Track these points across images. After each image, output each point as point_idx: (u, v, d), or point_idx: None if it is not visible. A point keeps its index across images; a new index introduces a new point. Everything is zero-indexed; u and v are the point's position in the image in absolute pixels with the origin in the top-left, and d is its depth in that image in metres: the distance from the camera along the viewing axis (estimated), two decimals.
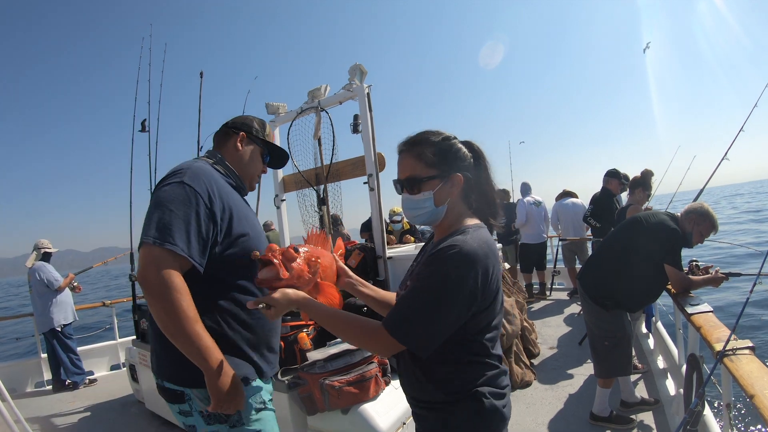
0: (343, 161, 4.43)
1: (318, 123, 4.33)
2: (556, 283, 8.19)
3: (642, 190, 4.52)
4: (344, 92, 4.17)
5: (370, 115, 4.05)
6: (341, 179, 4.52)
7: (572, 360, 4.64)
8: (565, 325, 5.99)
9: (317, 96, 4.32)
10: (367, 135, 4.08)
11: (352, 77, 4.03)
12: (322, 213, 4.56)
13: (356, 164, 4.33)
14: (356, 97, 4.12)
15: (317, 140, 4.47)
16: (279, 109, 4.72)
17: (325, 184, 4.48)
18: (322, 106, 4.31)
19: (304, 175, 4.56)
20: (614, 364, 3.20)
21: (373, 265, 4.29)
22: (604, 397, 3.27)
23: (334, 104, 4.33)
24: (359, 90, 4.05)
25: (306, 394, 2.62)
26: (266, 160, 2.06)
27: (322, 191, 4.52)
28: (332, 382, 2.53)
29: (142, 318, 4.22)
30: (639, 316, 4.67)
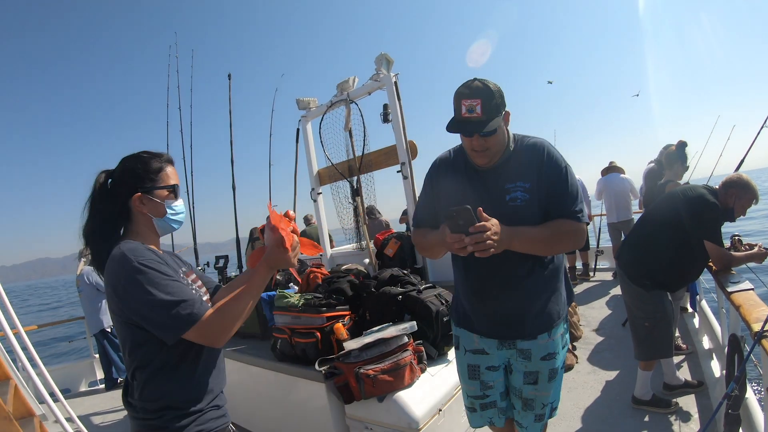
0: (376, 151, 4.46)
1: (348, 115, 4.36)
2: (600, 264, 7.90)
3: (680, 164, 4.27)
4: (372, 83, 4.18)
5: (398, 103, 4.06)
6: (374, 169, 4.56)
7: (615, 342, 4.54)
8: (610, 307, 5.82)
9: (346, 88, 4.35)
10: (397, 124, 4.09)
11: (378, 67, 4.04)
12: (356, 204, 4.59)
13: (388, 154, 4.34)
14: (384, 86, 4.13)
15: (348, 132, 4.50)
16: (310, 104, 4.77)
17: (358, 175, 4.51)
18: (351, 98, 4.34)
19: (337, 167, 4.60)
20: (655, 345, 3.11)
21: (411, 253, 4.30)
22: (645, 380, 3.19)
23: (363, 95, 4.35)
24: (386, 79, 4.05)
25: (342, 383, 2.67)
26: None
27: (355, 182, 4.55)
28: (367, 370, 2.57)
29: None
30: (682, 296, 4.45)
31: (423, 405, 2.56)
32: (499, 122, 1.74)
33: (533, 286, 1.90)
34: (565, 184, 1.81)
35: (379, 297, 3.18)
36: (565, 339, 2.02)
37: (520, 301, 1.91)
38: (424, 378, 2.75)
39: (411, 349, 2.75)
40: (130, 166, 1.56)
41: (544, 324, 1.93)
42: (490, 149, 1.80)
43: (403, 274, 3.41)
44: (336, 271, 3.83)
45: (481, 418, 2.17)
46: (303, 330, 3.03)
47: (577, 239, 1.82)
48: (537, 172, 1.81)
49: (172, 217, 1.61)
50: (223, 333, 1.39)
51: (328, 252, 5.23)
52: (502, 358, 2.04)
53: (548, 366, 1.95)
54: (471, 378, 2.11)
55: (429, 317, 2.95)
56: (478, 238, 1.54)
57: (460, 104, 1.73)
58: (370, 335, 2.74)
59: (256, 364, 3.36)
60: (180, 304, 1.35)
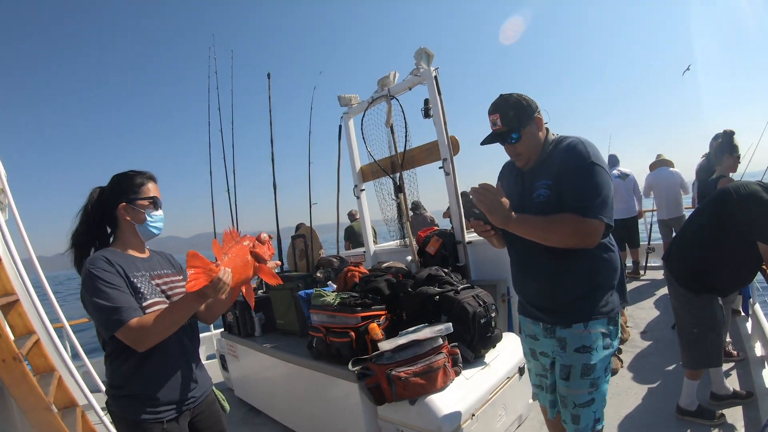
0: (417, 147, 4.40)
1: (389, 111, 4.32)
2: (650, 262, 7.46)
3: (728, 155, 3.84)
4: (412, 77, 4.12)
5: (439, 98, 3.99)
6: (416, 166, 4.50)
7: (664, 346, 4.30)
8: (659, 308, 5.50)
9: (386, 84, 4.31)
10: (438, 119, 4.02)
11: (418, 61, 3.98)
12: (399, 201, 4.56)
13: (430, 149, 4.28)
14: (425, 81, 4.06)
15: (390, 128, 4.46)
16: (351, 100, 4.76)
17: (400, 171, 4.47)
18: (392, 94, 4.29)
19: (380, 164, 4.57)
20: (703, 354, 2.91)
21: (453, 250, 4.23)
22: (691, 389, 2.99)
23: (403, 91, 4.29)
24: (427, 74, 3.99)
25: (374, 384, 2.64)
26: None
27: (398, 179, 4.51)
28: (399, 372, 2.53)
29: (228, 311, 4.43)
30: (733, 300, 4.16)
31: (455, 409, 2.50)
32: (524, 130, 1.99)
33: (567, 274, 1.99)
34: (579, 178, 1.87)
35: (416, 297, 3.13)
36: (607, 341, 1.99)
37: (553, 288, 2.03)
38: (458, 381, 2.69)
39: (445, 352, 2.70)
40: (117, 182, 1.87)
41: (580, 314, 1.97)
42: (521, 154, 2.04)
43: (444, 274, 3.35)
44: (375, 269, 3.81)
45: (543, 399, 2.33)
46: (338, 329, 3.02)
47: (579, 233, 1.83)
48: (558, 169, 1.94)
49: (151, 224, 1.89)
50: (141, 342, 1.63)
51: (371, 249, 5.22)
52: (549, 347, 2.11)
53: (581, 360, 1.96)
54: (533, 357, 2.27)
55: (466, 319, 2.88)
56: (479, 191, 1.86)
57: (490, 119, 2.04)
58: (404, 336, 2.70)
59: (293, 362, 3.39)
60: (112, 310, 1.61)
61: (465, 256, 4.17)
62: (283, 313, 4.03)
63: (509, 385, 2.97)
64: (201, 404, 1.94)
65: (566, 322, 2.00)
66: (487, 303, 3.02)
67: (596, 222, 1.81)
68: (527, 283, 2.17)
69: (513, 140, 2.00)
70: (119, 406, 1.77)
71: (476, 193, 1.86)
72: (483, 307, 2.96)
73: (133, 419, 1.73)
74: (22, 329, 2.93)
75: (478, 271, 4.22)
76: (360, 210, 5.22)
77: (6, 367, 2.31)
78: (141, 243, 1.93)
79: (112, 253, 1.78)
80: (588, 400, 1.99)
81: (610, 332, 2.00)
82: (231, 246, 1.72)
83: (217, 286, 1.58)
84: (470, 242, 4.22)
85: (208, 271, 1.58)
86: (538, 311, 2.12)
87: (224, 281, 1.59)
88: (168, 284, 1.90)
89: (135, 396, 1.74)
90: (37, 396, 2.34)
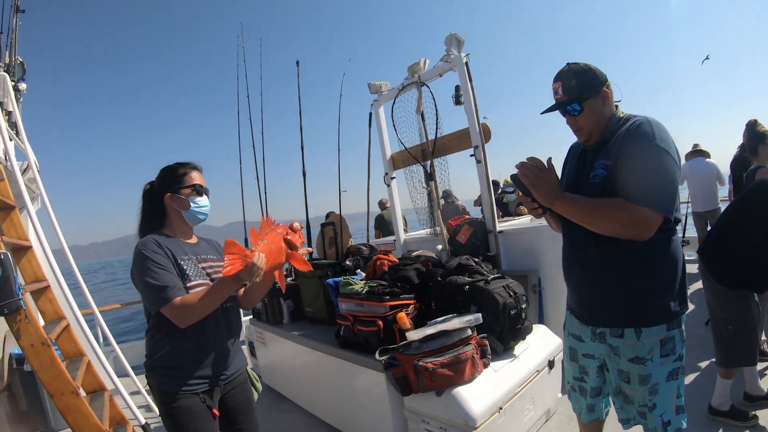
0: (448, 135, 4.34)
1: (420, 98, 4.27)
2: (685, 255, 7.14)
3: (763, 145, 3.61)
4: (443, 64, 4.06)
5: (470, 84, 3.92)
6: (447, 153, 4.44)
7: (696, 343, 4.13)
8: (693, 302, 5.28)
9: (417, 70, 4.25)
10: (469, 106, 3.96)
11: (448, 48, 3.91)
12: (430, 189, 4.51)
13: (461, 137, 4.22)
14: (455, 67, 3.99)
15: (421, 115, 4.41)
16: (381, 87, 4.72)
17: (431, 159, 4.42)
18: (422, 81, 4.23)
19: (410, 151, 4.52)
20: (738, 352, 2.79)
21: (484, 239, 4.17)
22: (724, 389, 2.87)
23: (434, 77, 4.23)
24: (457, 60, 3.92)
25: (400, 374, 2.62)
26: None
27: (428, 167, 4.45)
28: (426, 363, 2.50)
29: None
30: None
31: (482, 402, 2.46)
32: (586, 102, 1.83)
33: (614, 271, 1.83)
34: (637, 160, 1.70)
35: (445, 286, 3.09)
36: (667, 348, 1.80)
37: (598, 284, 1.89)
38: (486, 373, 2.65)
39: (474, 343, 2.65)
40: (163, 174, 2.04)
41: (628, 318, 1.82)
42: (582, 128, 1.90)
43: (474, 263, 3.30)
44: (405, 257, 3.77)
45: (576, 402, 2.21)
46: (366, 318, 3.00)
47: (627, 222, 1.67)
48: (619, 149, 1.77)
49: (196, 210, 2.03)
50: (183, 318, 1.77)
51: (402, 237, 5.19)
52: (598, 351, 1.97)
53: (636, 370, 1.83)
54: (571, 359, 2.14)
55: (495, 310, 2.82)
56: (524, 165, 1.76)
57: (552, 87, 1.92)
58: (433, 326, 2.67)
59: (320, 350, 3.39)
60: (160, 289, 1.76)
61: (496, 246, 4.11)
62: (312, 300, 4.03)
63: (538, 378, 2.91)
64: (233, 382, 2.06)
65: (615, 324, 1.85)
66: (518, 294, 2.95)
67: (648, 212, 1.64)
68: (574, 275, 2.01)
69: (573, 112, 1.87)
70: (156, 377, 1.91)
71: (522, 167, 1.76)
72: (513, 298, 2.90)
73: (168, 390, 1.87)
74: (52, 315, 2.99)
75: (509, 260, 4.16)
76: (390, 198, 5.19)
77: (35, 352, 2.35)
78: (189, 229, 2.10)
79: (162, 237, 1.95)
80: (649, 405, 1.85)
81: (672, 338, 1.80)
82: (267, 233, 1.84)
83: (252, 270, 1.70)
84: (501, 231, 4.15)
85: (244, 256, 1.71)
86: (584, 308, 1.98)
87: (258, 266, 1.71)
88: (213, 268, 2.05)
89: (171, 369, 1.88)
90: (65, 380, 2.39)
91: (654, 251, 1.79)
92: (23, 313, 2.33)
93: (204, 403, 1.89)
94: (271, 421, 3.96)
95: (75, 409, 2.40)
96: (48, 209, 3.80)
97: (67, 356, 3.01)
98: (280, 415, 4.05)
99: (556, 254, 3.75)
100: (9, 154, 3.31)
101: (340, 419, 3.44)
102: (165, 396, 1.87)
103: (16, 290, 2.32)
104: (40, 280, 2.94)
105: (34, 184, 3.94)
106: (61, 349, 2.99)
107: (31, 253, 2.93)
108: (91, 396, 2.97)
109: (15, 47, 4.50)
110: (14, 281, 2.32)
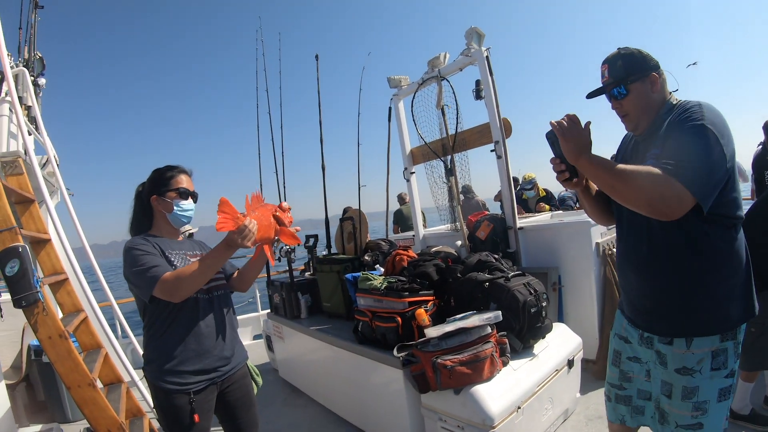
0: (469, 130, 4.30)
1: (440, 92, 4.24)
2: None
3: None
4: (463, 58, 4.02)
5: (491, 79, 3.88)
6: (468, 148, 4.40)
7: None
8: None
9: (437, 65, 4.21)
10: (490, 100, 3.92)
11: (469, 41, 3.87)
12: (450, 184, 4.47)
13: (482, 132, 4.18)
14: (476, 62, 3.95)
15: (441, 110, 4.37)
16: (401, 81, 4.69)
17: (451, 154, 4.38)
18: (442, 75, 4.20)
19: (430, 146, 4.49)
20: (761, 355, 2.70)
21: (504, 236, 4.14)
22: (745, 392, 2.80)
23: (454, 72, 4.20)
24: (478, 54, 3.88)
25: (418, 371, 2.60)
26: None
27: (449, 162, 4.42)
28: (444, 361, 2.48)
29: (275, 293, 4.48)
30: None
31: (501, 401, 2.43)
32: (632, 85, 1.73)
33: (670, 272, 1.69)
34: (680, 135, 1.57)
35: (465, 283, 3.06)
36: (719, 360, 1.63)
37: (649, 286, 1.76)
38: (505, 372, 2.62)
39: (493, 341, 2.62)
40: (152, 177, 2.08)
41: (680, 326, 1.68)
42: (628, 114, 1.79)
43: (494, 260, 3.26)
44: (424, 253, 3.74)
45: (614, 411, 2.04)
46: (384, 314, 2.98)
47: (654, 192, 1.48)
48: (666, 133, 1.65)
49: (179, 213, 2.05)
50: (176, 290, 1.77)
51: (421, 232, 5.17)
52: (645, 355, 1.84)
53: (682, 382, 1.67)
54: (613, 364, 2.02)
55: (516, 307, 2.79)
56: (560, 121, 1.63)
57: (600, 70, 1.84)
58: (452, 323, 2.64)
59: (337, 345, 3.38)
60: (148, 270, 1.79)
61: (516, 242, 4.07)
62: (330, 295, 4.03)
63: (557, 377, 2.87)
64: (232, 377, 2.07)
65: (665, 332, 1.72)
66: (539, 291, 2.92)
67: (680, 188, 1.45)
68: (627, 275, 1.88)
69: (618, 96, 1.76)
70: (150, 374, 1.93)
71: (557, 121, 1.64)
72: (534, 295, 2.86)
73: (162, 388, 1.88)
74: (70, 307, 3.03)
75: (529, 258, 4.12)
76: (410, 193, 5.17)
77: (52, 344, 2.38)
78: (175, 231, 2.13)
79: (149, 236, 2.01)
80: (692, 423, 1.68)
81: (725, 350, 1.64)
82: (257, 207, 1.87)
83: (243, 232, 1.74)
84: (521, 228, 4.11)
85: (236, 218, 1.75)
86: (634, 309, 1.86)
87: (250, 229, 1.75)
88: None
89: (165, 366, 1.89)
90: (82, 373, 2.42)
91: (712, 248, 1.63)
92: (41, 306, 2.36)
93: (191, 405, 1.88)
94: (286, 415, 3.98)
95: (91, 401, 2.42)
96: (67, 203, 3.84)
97: (84, 348, 3.05)
98: (296, 410, 4.06)
99: (576, 251, 3.75)
100: (28, 149, 3.35)
101: (356, 415, 3.44)
102: (157, 391, 1.91)
103: (34, 283, 2.34)
104: (59, 272, 2.97)
105: (54, 178, 3.98)
106: (78, 341, 3.02)
107: (49, 246, 2.97)
108: (108, 388, 3.00)
109: (34, 42, 4.58)
110: (32, 274, 2.35)
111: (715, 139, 1.50)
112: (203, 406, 1.93)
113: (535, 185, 6.74)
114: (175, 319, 1.90)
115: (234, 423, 2.11)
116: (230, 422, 2.11)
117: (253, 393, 2.22)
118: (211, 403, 1.99)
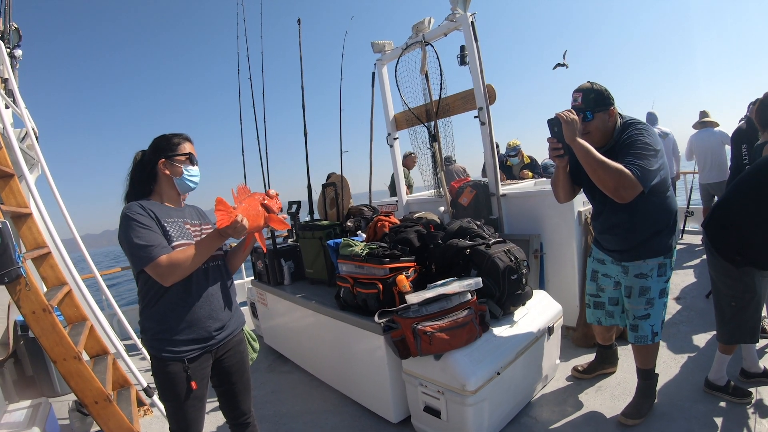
0: (453, 96, 4.27)
1: (424, 58, 4.18)
2: (689, 226, 7.11)
3: None
4: (448, 23, 3.95)
5: (476, 45, 3.82)
6: (451, 114, 4.37)
7: (696, 315, 4.08)
8: (695, 275, 5.19)
9: (421, 30, 4.16)
10: (474, 66, 3.88)
11: (454, 6, 3.81)
12: (434, 150, 4.46)
13: (466, 98, 4.15)
14: (461, 27, 3.89)
15: (425, 76, 4.32)
16: (385, 46, 4.63)
17: (435, 120, 4.35)
18: (426, 40, 4.14)
19: (414, 112, 4.46)
20: (739, 329, 2.74)
21: (486, 203, 4.14)
22: (722, 364, 2.84)
23: (439, 37, 4.13)
24: (463, 19, 3.81)
25: (399, 337, 2.62)
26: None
27: (432, 127, 4.39)
28: (425, 327, 2.49)
29: (258, 260, 4.46)
30: None
31: (480, 366, 2.47)
32: (597, 113, 2.46)
33: (634, 227, 2.54)
34: (631, 145, 2.32)
35: (446, 249, 3.06)
36: (662, 270, 2.57)
37: (623, 239, 2.62)
38: (485, 338, 2.66)
39: (473, 308, 2.64)
40: (157, 142, 2.07)
41: (640, 255, 2.57)
42: (591, 133, 2.48)
43: (476, 226, 3.25)
44: (406, 219, 3.74)
45: (593, 314, 3.00)
46: (365, 280, 2.99)
47: (621, 181, 2.19)
48: (620, 153, 2.34)
49: (188, 178, 2.08)
50: (168, 275, 1.81)
51: (404, 198, 5.16)
52: (614, 271, 2.77)
53: (639, 283, 2.60)
54: (591, 280, 2.94)
55: (496, 274, 2.81)
56: (564, 113, 2.34)
57: (573, 95, 2.53)
58: (432, 290, 2.65)
59: (320, 311, 3.40)
60: (143, 247, 1.79)
61: (498, 209, 4.09)
62: (312, 262, 4.03)
63: (537, 344, 2.91)
64: (228, 344, 2.10)
65: (631, 258, 2.60)
66: (519, 259, 2.93)
67: (636, 184, 2.19)
68: (605, 234, 2.73)
69: (585, 119, 2.45)
70: (146, 342, 1.96)
71: (563, 112, 2.35)
72: (514, 262, 2.88)
73: (155, 354, 1.92)
74: (54, 280, 3.01)
75: (511, 225, 4.13)
76: (392, 159, 5.14)
77: (36, 319, 2.37)
78: (177, 196, 2.12)
79: (147, 202, 1.98)
80: (644, 314, 2.61)
81: (666, 263, 2.57)
82: (244, 198, 1.94)
83: (236, 227, 1.81)
84: (504, 195, 4.12)
85: (230, 214, 1.82)
86: (611, 253, 2.73)
87: (242, 223, 1.82)
88: (196, 231, 2.08)
89: (159, 334, 1.92)
90: (66, 346, 2.42)
91: (657, 207, 2.50)
92: (23, 281, 2.34)
93: (186, 372, 1.91)
94: (271, 381, 4.01)
95: (77, 373, 2.43)
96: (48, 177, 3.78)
97: (69, 321, 3.04)
98: (281, 376, 4.10)
99: (558, 219, 3.76)
100: (5, 122, 3.27)
101: (339, 381, 3.48)
102: (153, 359, 1.94)
103: (15, 258, 2.32)
104: (41, 246, 2.94)
105: (33, 151, 3.91)
106: (63, 314, 3.01)
107: (31, 220, 2.93)
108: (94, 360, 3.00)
109: (9, 14, 4.45)
110: (14, 249, 2.32)
111: (654, 151, 2.29)
112: (198, 374, 1.95)
113: (520, 152, 6.73)
114: (169, 289, 1.90)
115: (228, 388, 2.15)
116: (224, 387, 2.15)
117: (247, 359, 2.26)
118: (207, 370, 2.02)
